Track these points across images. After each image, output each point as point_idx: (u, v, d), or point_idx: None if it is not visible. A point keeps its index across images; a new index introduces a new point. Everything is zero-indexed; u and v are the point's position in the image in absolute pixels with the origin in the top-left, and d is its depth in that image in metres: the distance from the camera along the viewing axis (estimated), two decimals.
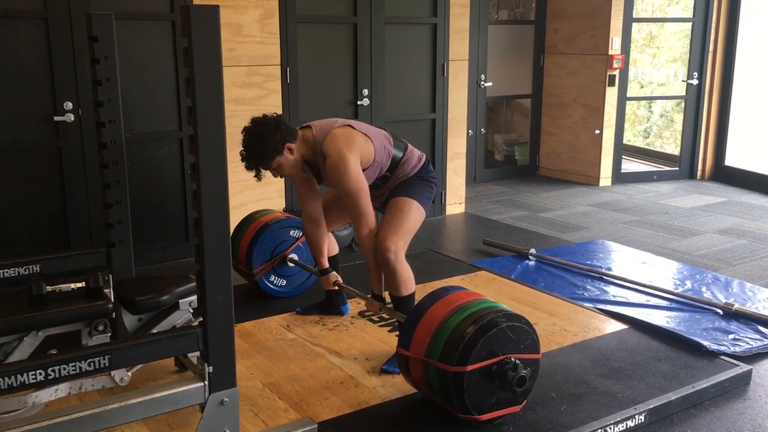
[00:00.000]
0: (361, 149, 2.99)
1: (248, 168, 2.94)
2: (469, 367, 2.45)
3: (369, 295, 3.14)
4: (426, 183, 3.20)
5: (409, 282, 3.07)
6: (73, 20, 4.06)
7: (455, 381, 2.46)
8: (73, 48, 4.10)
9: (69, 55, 4.10)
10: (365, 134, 3.05)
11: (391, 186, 3.19)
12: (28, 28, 4.01)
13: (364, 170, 3.02)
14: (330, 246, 3.46)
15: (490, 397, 2.54)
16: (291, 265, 3.85)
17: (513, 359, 2.52)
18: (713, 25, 7.01)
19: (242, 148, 2.93)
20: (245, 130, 2.93)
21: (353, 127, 3.06)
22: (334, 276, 3.39)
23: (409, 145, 3.25)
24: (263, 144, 2.86)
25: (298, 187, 3.23)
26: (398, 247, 3.01)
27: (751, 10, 6.97)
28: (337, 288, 3.43)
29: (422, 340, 2.57)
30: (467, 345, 2.45)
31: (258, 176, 2.96)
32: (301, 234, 3.85)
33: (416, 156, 3.22)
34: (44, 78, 4.07)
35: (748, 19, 6.98)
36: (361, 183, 2.94)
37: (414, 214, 3.10)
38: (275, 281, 3.86)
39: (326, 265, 3.37)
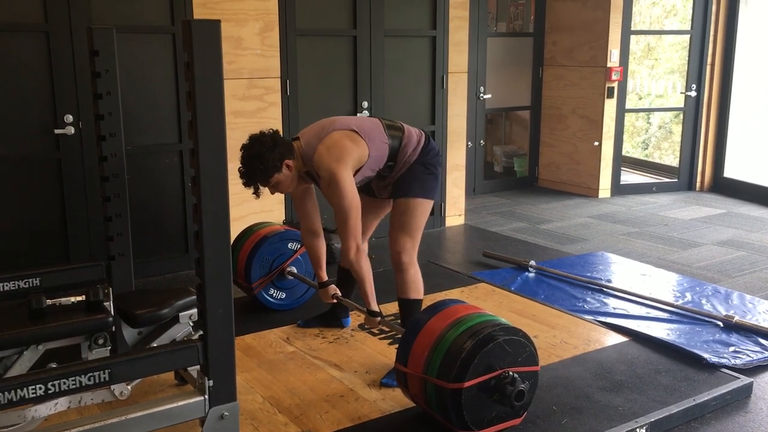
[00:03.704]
0: (351, 154, 2.94)
1: (246, 185, 2.93)
2: (467, 384, 2.43)
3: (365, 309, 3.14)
4: (427, 170, 3.13)
5: (418, 287, 3.10)
6: (73, 33, 4.08)
7: (453, 397, 2.45)
8: (74, 61, 4.11)
9: (70, 68, 4.11)
10: (354, 131, 2.99)
11: (396, 174, 3.15)
12: (30, 42, 4.02)
13: (360, 169, 3.00)
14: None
15: (489, 412, 2.53)
16: (290, 277, 3.84)
17: (511, 373, 2.51)
18: (711, 38, 7.04)
19: (240, 166, 2.91)
20: (243, 147, 2.92)
21: (336, 129, 2.99)
22: (333, 289, 3.39)
23: (405, 127, 3.17)
24: (262, 162, 2.85)
25: (296, 201, 3.22)
26: (408, 247, 3.06)
27: (749, 22, 7.01)
28: (335, 301, 3.43)
29: (420, 355, 2.56)
30: (464, 361, 2.44)
31: (257, 193, 2.95)
32: (299, 246, 3.85)
33: (414, 138, 3.14)
34: (45, 91, 4.09)
35: (746, 31, 7.01)
36: (352, 200, 2.91)
37: (418, 212, 3.10)
38: (275, 294, 3.85)
39: (325, 277, 3.37)
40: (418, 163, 3.12)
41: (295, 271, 3.84)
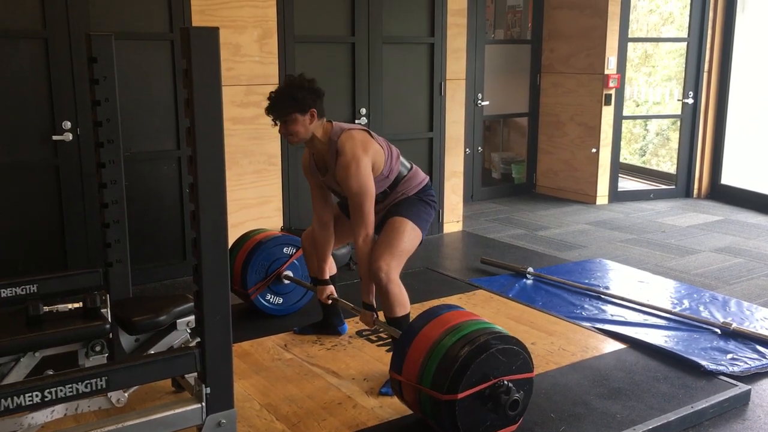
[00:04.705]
0: (375, 152, 3.05)
1: (269, 111, 3.00)
2: (461, 395, 2.42)
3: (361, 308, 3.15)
4: (425, 204, 3.22)
5: (402, 303, 3.06)
6: (72, 40, 4.08)
7: (448, 408, 2.44)
8: (72, 68, 4.11)
9: (68, 75, 4.11)
10: (379, 144, 3.12)
11: (389, 203, 3.21)
12: (28, 48, 4.02)
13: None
14: (329, 265, 3.46)
15: (484, 420, 2.52)
16: (286, 282, 3.84)
17: (505, 382, 2.50)
18: (708, 45, 7.07)
19: (273, 91, 3.02)
20: (290, 76, 3.06)
21: (370, 134, 3.12)
22: (330, 289, 3.39)
23: (415, 166, 3.29)
24: (299, 92, 2.94)
25: (314, 189, 3.27)
26: (391, 267, 3.01)
27: (746, 29, 7.03)
28: (330, 302, 3.42)
29: (414, 363, 2.55)
30: (458, 371, 2.43)
31: (275, 122, 3.02)
32: (294, 251, 3.85)
33: (420, 177, 3.26)
34: (43, 97, 4.09)
35: (743, 39, 7.03)
36: (369, 186, 2.99)
37: (410, 235, 3.10)
38: (271, 299, 3.85)
39: (326, 275, 3.38)
40: (416, 195, 3.21)
41: (291, 275, 3.83)
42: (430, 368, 2.49)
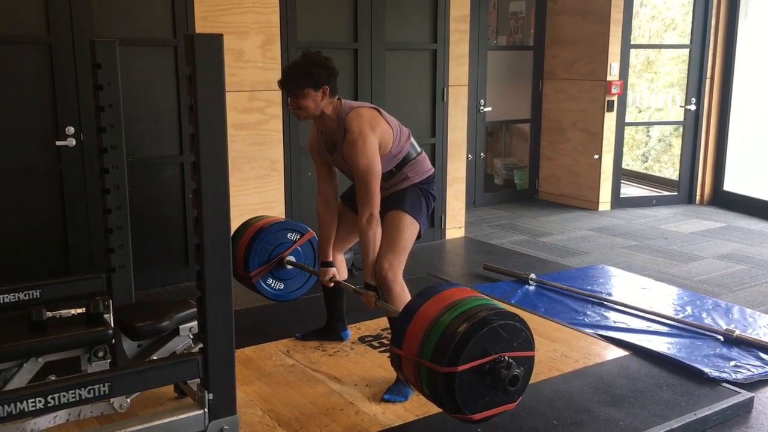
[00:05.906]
0: (383, 130, 3.05)
1: (282, 83, 3.01)
2: (461, 368, 2.38)
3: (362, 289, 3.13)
4: (425, 197, 3.21)
5: (404, 303, 3.05)
6: (76, 46, 4.10)
7: (447, 381, 2.42)
8: (76, 73, 4.13)
9: (72, 81, 4.13)
10: (389, 123, 3.11)
11: (392, 185, 3.20)
12: (32, 54, 4.04)
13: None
14: (339, 269, 3.46)
15: (483, 396, 2.48)
16: (289, 267, 3.83)
17: (506, 358, 2.47)
18: (711, 51, 7.07)
19: (290, 64, 3.03)
20: (308, 52, 3.04)
21: (380, 113, 3.11)
22: (333, 272, 3.37)
23: (424, 153, 3.29)
24: (315, 67, 2.94)
25: (319, 168, 3.27)
26: (393, 265, 3.04)
27: (748, 35, 7.04)
28: (332, 285, 3.41)
29: (414, 337, 2.52)
30: (459, 344, 2.39)
31: (286, 92, 3.03)
32: (298, 236, 3.84)
33: (427, 165, 3.26)
34: (47, 103, 4.10)
35: (746, 45, 7.04)
36: (375, 164, 2.98)
37: (408, 230, 3.12)
38: (272, 284, 3.83)
39: (330, 257, 3.36)
40: (416, 185, 3.20)
41: (294, 260, 3.83)
42: (430, 343, 2.45)
